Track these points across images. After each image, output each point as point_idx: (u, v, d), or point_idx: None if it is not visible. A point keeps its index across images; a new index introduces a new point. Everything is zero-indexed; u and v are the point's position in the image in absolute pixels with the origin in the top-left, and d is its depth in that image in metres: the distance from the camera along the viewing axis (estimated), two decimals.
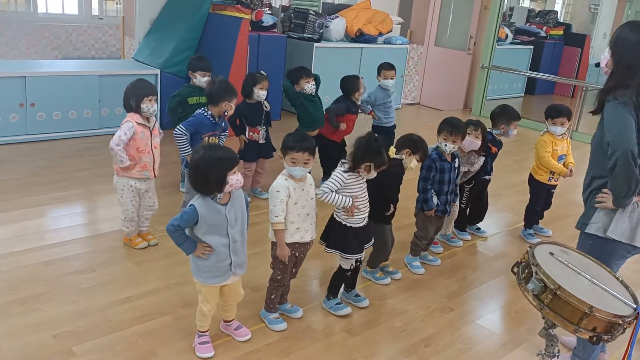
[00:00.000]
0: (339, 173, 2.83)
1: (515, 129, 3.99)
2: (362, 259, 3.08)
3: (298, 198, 2.72)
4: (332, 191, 2.81)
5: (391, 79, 4.88)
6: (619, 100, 2.32)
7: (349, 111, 4.62)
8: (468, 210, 4.16)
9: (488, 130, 3.92)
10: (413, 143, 3.16)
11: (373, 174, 2.83)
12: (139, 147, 3.35)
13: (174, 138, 3.69)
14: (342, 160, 2.88)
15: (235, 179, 2.42)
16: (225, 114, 3.73)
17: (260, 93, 4.15)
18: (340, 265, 3.03)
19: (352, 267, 3.01)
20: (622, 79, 2.35)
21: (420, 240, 3.60)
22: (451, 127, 3.39)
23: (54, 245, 3.51)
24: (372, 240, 3.08)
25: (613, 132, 2.31)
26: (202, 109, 3.75)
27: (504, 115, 3.96)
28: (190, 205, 2.44)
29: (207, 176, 2.38)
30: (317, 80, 4.58)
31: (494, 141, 3.96)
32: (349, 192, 2.84)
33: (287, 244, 2.74)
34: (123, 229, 3.55)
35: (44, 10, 8.38)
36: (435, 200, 3.43)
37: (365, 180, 2.88)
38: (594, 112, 2.50)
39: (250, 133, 4.23)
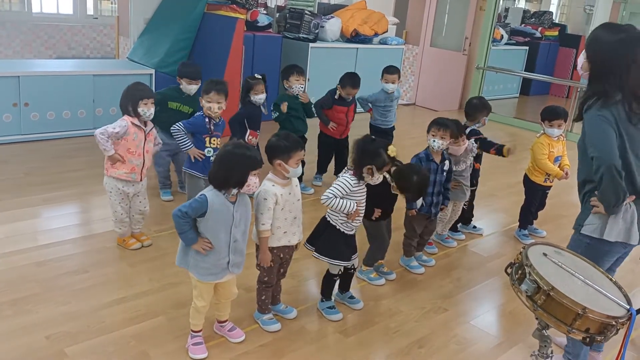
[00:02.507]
0: (346, 179, 2.80)
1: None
2: (355, 266, 3.07)
3: (285, 203, 2.70)
4: (336, 196, 2.79)
5: (392, 82, 4.75)
6: (599, 112, 2.31)
7: (335, 103, 4.60)
8: (464, 210, 4.17)
9: (472, 129, 3.92)
10: (402, 187, 3.04)
11: (378, 177, 2.81)
12: (130, 147, 3.33)
13: (173, 135, 3.68)
14: (348, 167, 2.86)
15: (253, 180, 2.44)
16: (210, 110, 3.64)
17: (256, 98, 4.12)
18: (328, 270, 3.02)
19: (340, 272, 3.01)
20: (600, 83, 2.34)
21: (411, 239, 3.60)
22: (439, 125, 3.40)
23: (46, 246, 3.49)
24: (357, 253, 3.03)
25: (596, 147, 2.31)
26: (202, 111, 3.74)
27: (485, 108, 3.98)
28: (201, 195, 2.44)
29: (230, 171, 2.40)
30: (307, 109, 4.49)
31: (476, 133, 3.96)
32: (353, 199, 2.82)
33: (274, 247, 2.73)
34: (115, 230, 3.54)
35: (38, 10, 8.34)
36: (419, 202, 3.42)
37: (365, 190, 2.87)
38: (575, 120, 2.51)
39: (250, 137, 4.21)
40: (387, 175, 3.07)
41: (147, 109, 3.32)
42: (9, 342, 2.60)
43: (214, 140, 3.71)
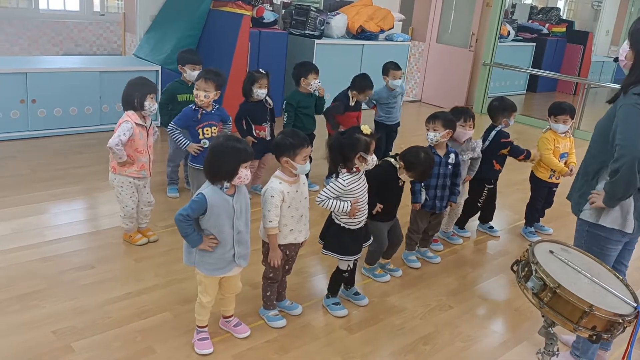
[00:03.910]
0: (338, 181, 2.80)
1: (514, 118, 4.02)
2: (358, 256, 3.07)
3: (292, 200, 2.70)
4: (329, 198, 2.80)
5: (399, 78, 4.85)
6: (638, 101, 2.28)
7: (347, 109, 4.60)
8: (479, 209, 4.17)
9: (498, 130, 3.91)
10: (410, 163, 3.11)
11: (371, 159, 2.79)
12: (138, 147, 3.35)
13: (170, 136, 3.72)
14: (340, 168, 2.85)
15: (245, 173, 2.45)
16: (197, 98, 3.64)
17: (259, 92, 4.12)
18: (337, 266, 3.02)
19: (349, 268, 3.01)
20: None
21: (412, 233, 3.60)
22: (429, 118, 3.44)
23: (53, 242, 3.51)
24: (372, 239, 3.07)
25: (625, 136, 2.28)
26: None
27: (505, 109, 3.95)
28: (199, 194, 2.45)
29: (221, 162, 2.41)
30: (320, 105, 4.50)
31: (504, 135, 3.94)
32: (350, 197, 2.82)
33: (280, 245, 2.73)
34: (122, 225, 3.55)
35: (45, 7, 8.36)
36: (423, 195, 3.41)
37: (365, 181, 2.87)
38: (610, 101, 2.48)
39: (257, 131, 4.21)
40: (393, 160, 3.13)
41: (152, 104, 3.35)
42: (15, 337, 2.62)
43: (207, 130, 3.69)
